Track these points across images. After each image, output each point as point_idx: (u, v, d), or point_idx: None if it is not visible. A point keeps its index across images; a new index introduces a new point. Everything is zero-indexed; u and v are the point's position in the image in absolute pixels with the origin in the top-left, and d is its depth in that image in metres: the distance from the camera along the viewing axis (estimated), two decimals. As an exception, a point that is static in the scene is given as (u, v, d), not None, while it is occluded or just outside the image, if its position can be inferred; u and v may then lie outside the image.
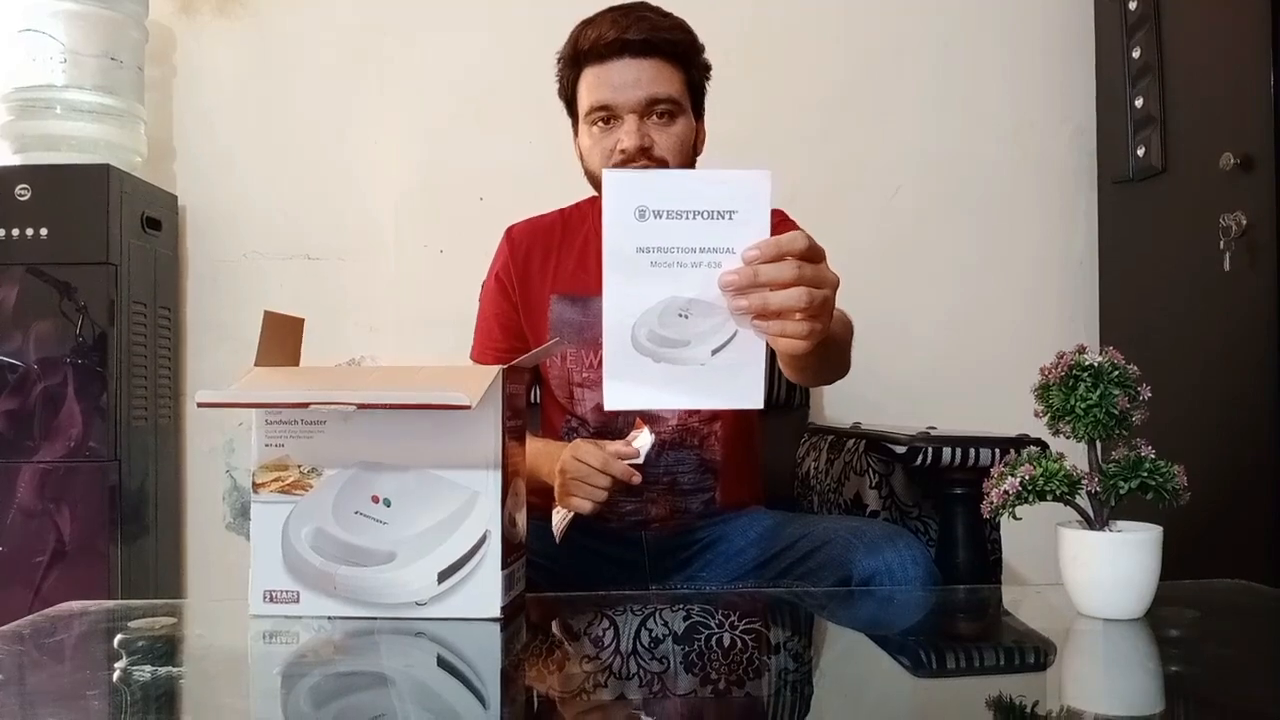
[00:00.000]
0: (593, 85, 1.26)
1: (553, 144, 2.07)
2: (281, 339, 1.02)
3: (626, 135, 1.24)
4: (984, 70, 2.13)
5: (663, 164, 1.25)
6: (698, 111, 1.32)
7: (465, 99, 2.11)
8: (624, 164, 1.24)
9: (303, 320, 1.06)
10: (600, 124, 1.26)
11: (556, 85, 1.33)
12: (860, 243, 2.07)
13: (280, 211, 2.11)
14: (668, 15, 1.28)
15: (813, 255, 0.85)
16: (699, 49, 1.30)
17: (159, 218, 1.99)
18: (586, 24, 1.27)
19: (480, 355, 1.41)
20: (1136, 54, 1.89)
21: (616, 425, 1.34)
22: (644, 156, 1.24)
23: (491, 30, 2.12)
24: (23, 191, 1.79)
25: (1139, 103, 1.89)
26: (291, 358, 1.04)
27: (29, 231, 1.79)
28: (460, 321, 1.93)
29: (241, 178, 2.12)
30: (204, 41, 2.13)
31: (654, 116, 1.25)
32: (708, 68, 1.32)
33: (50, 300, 1.79)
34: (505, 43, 2.12)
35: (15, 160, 1.89)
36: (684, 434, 1.35)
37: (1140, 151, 1.89)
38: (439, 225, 2.11)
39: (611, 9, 1.27)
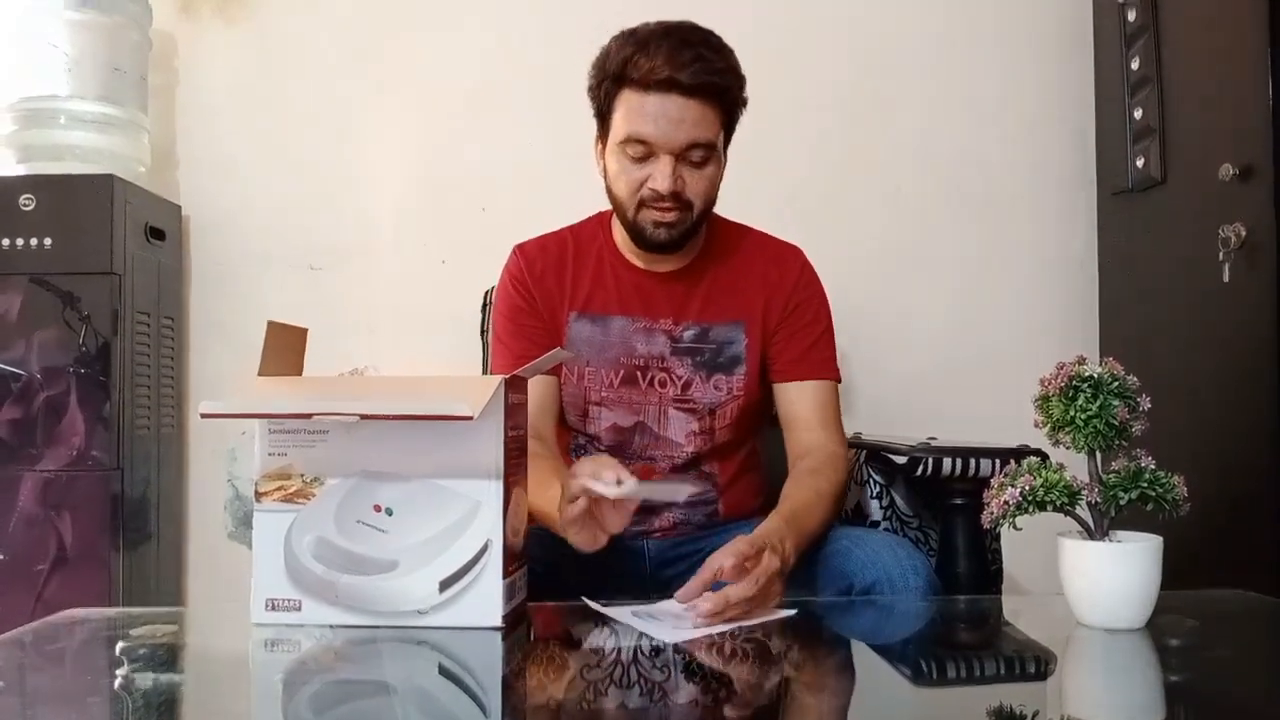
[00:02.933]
0: (634, 113, 1.22)
1: (555, 149, 2.09)
2: (285, 349, 1.02)
3: (661, 177, 1.22)
4: (982, 81, 2.14)
5: (689, 206, 1.25)
6: (726, 143, 1.30)
7: (467, 105, 2.12)
8: (654, 201, 1.24)
9: (306, 330, 1.06)
10: (634, 154, 1.24)
11: (588, 86, 1.29)
12: (859, 251, 2.08)
13: (282, 220, 2.12)
14: (719, 50, 1.23)
15: (760, 595, 0.99)
16: (743, 87, 1.27)
17: (162, 227, 2.00)
18: (640, 48, 1.21)
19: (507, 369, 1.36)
20: (1135, 64, 1.90)
21: (631, 446, 1.33)
22: (673, 199, 1.24)
23: (494, 35, 2.13)
24: (27, 201, 1.80)
25: (1138, 113, 1.89)
26: (294, 367, 1.04)
27: (33, 241, 1.80)
28: (462, 329, 1.95)
29: (244, 186, 2.13)
30: (206, 47, 2.14)
31: (689, 159, 1.23)
32: (746, 103, 1.29)
33: (54, 309, 1.80)
34: (508, 48, 2.12)
35: (19, 170, 1.90)
36: (687, 461, 1.35)
37: (1139, 162, 1.89)
38: (440, 233, 2.12)
39: (668, 36, 1.21)
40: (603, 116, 1.29)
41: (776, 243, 1.41)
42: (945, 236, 2.13)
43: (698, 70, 1.19)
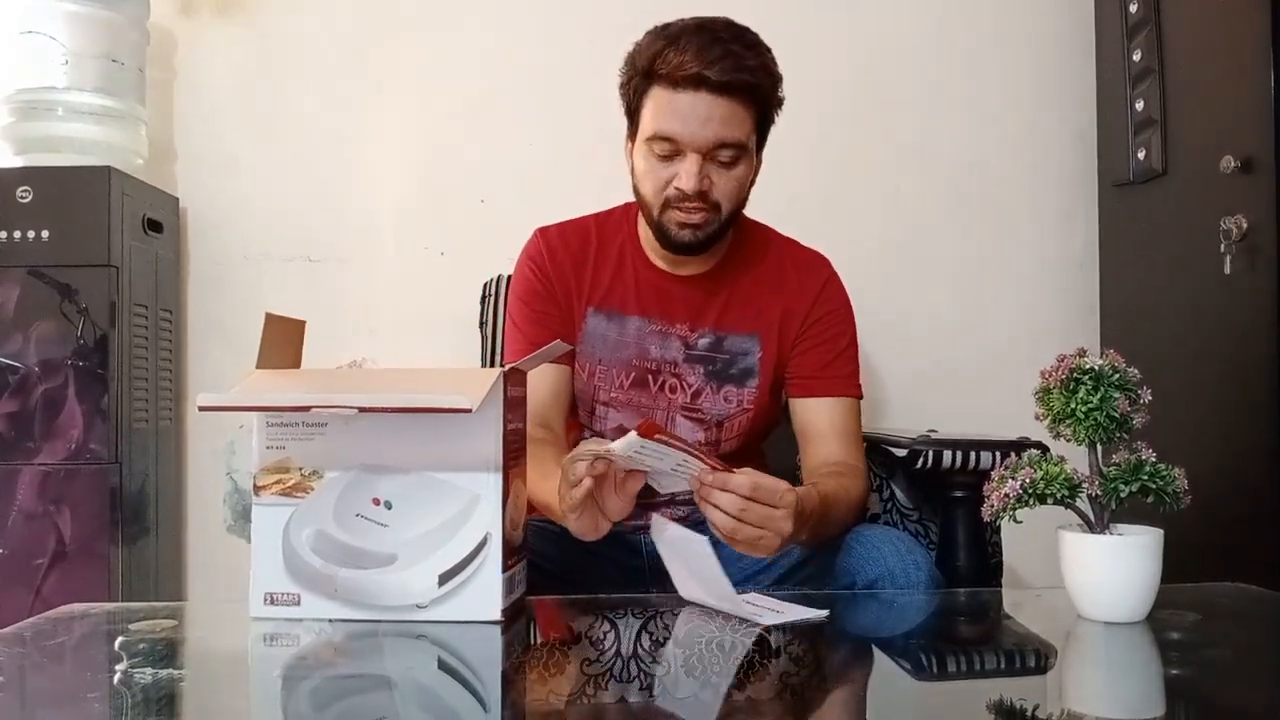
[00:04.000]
0: (662, 110, 1.19)
1: (554, 145, 2.09)
2: (283, 341, 1.02)
3: (687, 176, 1.19)
4: (984, 73, 2.13)
5: (716, 208, 1.22)
6: (760, 145, 1.27)
7: (466, 100, 2.11)
8: (679, 201, 1.21)
9: (304, 322, 1.06)
10: (660, 152, 1.21)
11: (619, 83, 1.26)
12: (861, 245, 2.07)
13: (281, 213, 2.12)
14: (753, 47, 1.20)
15: (761, 497, 1.00)
16: (777, 86, 1.24)
17: (160, 219, 1.99)
18: (670, 43, 1.18)
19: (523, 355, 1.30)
20: (1137, 56, 1.89)
21: None
22: (700, 199, 1.20)
23: (492, 31, 2.12)
24: (24, 193, 1.79)
25: (1139, 105, 1.89)
26: (293, 360, 1.04)
27: (30, 233, 1.79)
28: (460, 323, 1.94)
29: (242, 179, 2.12)
30: (204, 43, 2.13)
31: (718, 159, 1.20)
32: (781, 103, 1.26)
33: (51, 302, 1.79)
34: (506, 44, 2.12)
35: (16, 162, 1.89)
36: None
37: (1140, 154, 1.89)
38: (439, 227, 2.11)
39: (699, 32, 1.18)
40: (632, 113, 1.26)
41: (802, 251, 1.37)
42: (947, 231, 2.13)
43: (727, 67, 1.16)
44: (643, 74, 1.22)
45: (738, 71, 1.17)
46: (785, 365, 1.33)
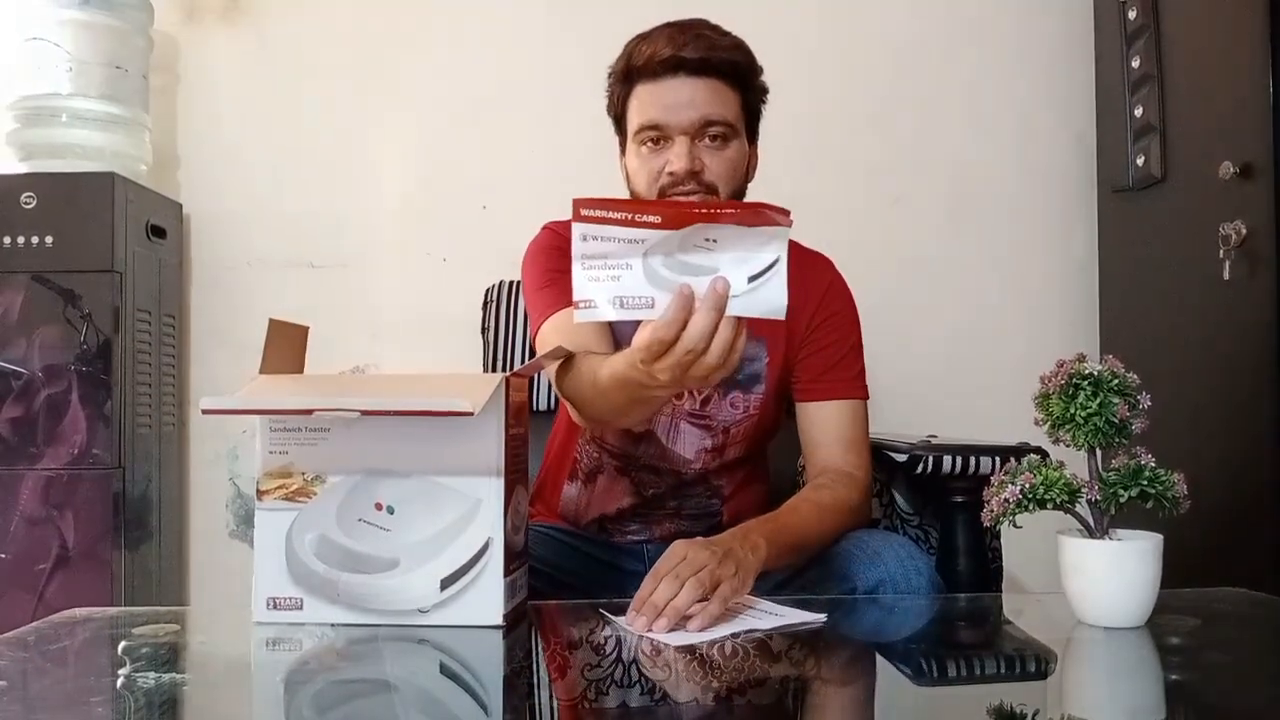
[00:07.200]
0: (644, 103, 1.20)
1: (555, 151, 2.10)
2: (286, 346, 1.03)
3: (676, 157, 1.18)
4: (983, 79, 2.14)
5: (712, 189, 1.20)
6: (751, 135, 1.27)
7: (468, 106, 2.12)
8: (672, 186, 1.19)
9: (307, 328, 1.06)
10: (650, 144, 1.21)
11: (605, 101, 1.28)
12: (861, 251, 2.06)
13: (284, 219, 2.12)
14: (727, 34, 1.22)
15: (682, 572, 0.97)
16: (757, 71, 1.24)
17: (163, 225, 2.00)
18: (642, 39, 1.21)
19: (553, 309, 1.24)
20: (1136, 63, 1.90)
21: (638, 455, 1.32)
22: (693, 180, 1.19)
23: (494, 37, 2.13)
24: (28, 199, 1.80)
25: (1138, 111, 1.89)
26: (296, 365, 1.05)
27: (34, 239, 1.80)
28: (462, 329, 1.95)
29: (245, 185, 2.13)
30: (208, 50, 2.14)
31: (706, 139, 1.19)
32: (765, 90, 1.27)
33: (55, 307, 1.80)
34: (508, 50, 2.13)
35: (21, 168, 1.90)
36: (695, 476, 1.33)
37: (1140, 160, 1.89)
38: (441, 233, 2.12)
39: (669, 25, 1.21)
40: (619, 121, 1.27)
41: (804, 253, 1.35)
42: (947, 236, 2.13)
43: (701, 46, 1.18)
44: (622, 78, 1.23)
45: (712, 50, 1.19)
46: (791, 370, 1.32)
